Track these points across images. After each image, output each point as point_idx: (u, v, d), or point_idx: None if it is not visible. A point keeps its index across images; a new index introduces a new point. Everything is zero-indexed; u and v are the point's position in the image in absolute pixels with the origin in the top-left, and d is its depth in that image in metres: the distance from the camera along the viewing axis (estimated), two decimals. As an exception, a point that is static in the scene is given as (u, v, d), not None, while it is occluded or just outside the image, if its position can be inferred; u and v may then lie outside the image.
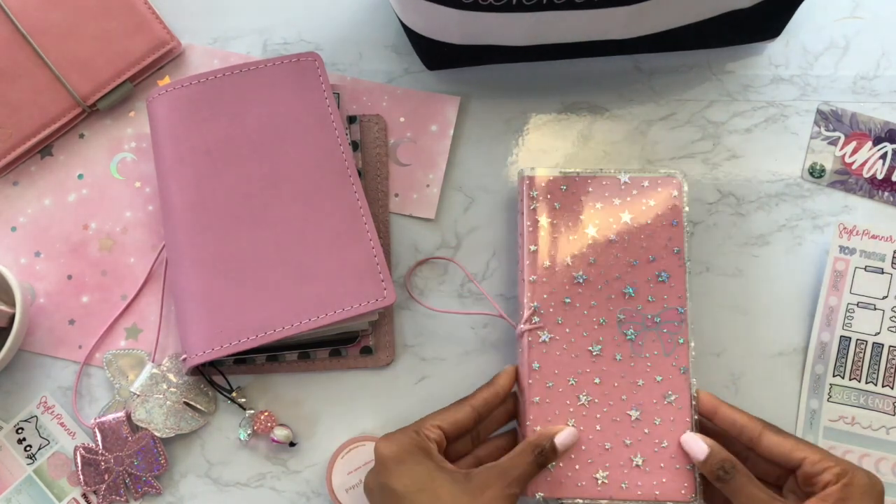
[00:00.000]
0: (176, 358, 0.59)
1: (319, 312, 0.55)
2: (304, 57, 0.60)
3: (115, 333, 0.60)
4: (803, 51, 0.63)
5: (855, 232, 0.58)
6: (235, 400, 0.58)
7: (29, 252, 0.62)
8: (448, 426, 0.51)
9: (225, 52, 0.64)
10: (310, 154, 0.59)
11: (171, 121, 0.59)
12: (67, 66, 0.61)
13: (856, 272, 0.58)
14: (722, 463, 0.50)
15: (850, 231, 0.58)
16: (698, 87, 0.63)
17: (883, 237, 0.58)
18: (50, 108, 0.61)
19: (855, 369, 0.58)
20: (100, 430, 0.58)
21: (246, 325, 0.55)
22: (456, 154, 0.62)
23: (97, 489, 0.58)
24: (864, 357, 0.58)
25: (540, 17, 0.52)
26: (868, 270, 0.58)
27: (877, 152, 0.61)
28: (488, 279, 0.61)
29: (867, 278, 0.58)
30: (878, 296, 0.58)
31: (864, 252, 0.58)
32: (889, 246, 0.58)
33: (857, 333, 0.58)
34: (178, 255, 0.57)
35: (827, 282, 0.58)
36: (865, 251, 0.58)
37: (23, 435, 0.60)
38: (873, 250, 0.58)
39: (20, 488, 0.59)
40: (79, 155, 0.63)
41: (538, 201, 0.56)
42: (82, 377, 0.60)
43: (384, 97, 0.63)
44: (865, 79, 0.62)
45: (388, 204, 0.61)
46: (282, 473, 0.59)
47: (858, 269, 0.58)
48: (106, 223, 0.62)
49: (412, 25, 0.57)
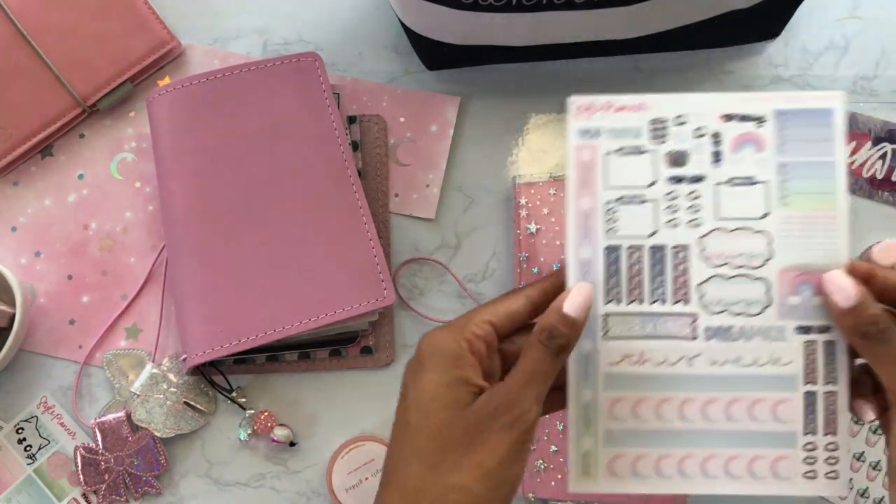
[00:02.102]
0: (176, 358, 0.59)
1: (319, 312, 0.56)
2: (304, 57, 0.60)
3: (116, 333, 0.61)
4: (803, 51, 0.63)
5: (594, 107, 0.45)
6: (235, 400, 0.59)
7: (29, 252, 0.62)
8: (500, 319, 0.42)
9: (225, 53, 0.64)
10: (310, 154, 0.59)
11: (171, 121, 0.59)
12: (67, 66, 0.61)
13: (607, 159, 0.45)
14: (876, 318, 0.39)
15: (587, 108, 0.45)
16: (698, 87, 0.62)
17: (632, 106, 0.45)
18: (50, 109, 0.61)
19: (633, 288, 0.44)
20: (100, 430, 0.58)
21: (246, 325, 0.55)
22: (456, 154, 0.62)
23: (97, 489, 0.58)
24: (643, 268, 0.44)
25: (540, 17, 0.52)
26: (623, 154, 0.45)
27: (876, 152, 0.61)
28: (488, 279, 0.61)
29: (624, 164, 0.45)
30: (643, 183, 0.45)
31: (613, 131, 0.45)
32: (642, 116, 0.45)
33: (626, 239, 0.44)
34: (179, 255, 0.57)
35: (573, 179, 0.44)
36: (614, 129, 0.45)
37: (23, 435, 0.60)
38: (624, 126, 0.45)
39: (20, 488, 0.59)
40: (79, 155, 0.63)
41: (527, 209, 0.56)
42: (82, 377, 0.60)
43: (384, 97, 0.63)
44: (865, 79, 0.62)
45: (388, 204, 0.61)
46: (282, 473, 0.59)
47: (610, 155, 0.45)
48: (106, 223, 0.62)
49: (412, 25, 0.57)
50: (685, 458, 0.44)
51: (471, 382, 0.40)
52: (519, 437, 0.39)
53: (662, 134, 0.45)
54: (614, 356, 0.44)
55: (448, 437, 0.39)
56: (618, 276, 0.44)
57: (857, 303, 0.40)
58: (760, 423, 0.44)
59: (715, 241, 0.44)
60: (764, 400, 0.44)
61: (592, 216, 0.44)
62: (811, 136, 0.44)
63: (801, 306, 0.43)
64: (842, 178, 0.44)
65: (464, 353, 0.40)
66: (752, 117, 0.44)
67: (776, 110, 0.44)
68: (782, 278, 0.43)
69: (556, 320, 0.41)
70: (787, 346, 0.44)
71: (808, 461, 0.44)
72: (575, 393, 0.44)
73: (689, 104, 0.45)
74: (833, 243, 0.43)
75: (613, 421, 0.44)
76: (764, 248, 0.44)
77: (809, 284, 0.43)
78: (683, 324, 0.44)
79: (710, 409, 0.44)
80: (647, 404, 0.44)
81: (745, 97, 0.44)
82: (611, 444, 0.44)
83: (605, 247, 0.44)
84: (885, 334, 0.39)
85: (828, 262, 0.43)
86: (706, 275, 0.44)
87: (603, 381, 0.44)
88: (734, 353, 0.44)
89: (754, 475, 0.44)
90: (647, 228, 0.44)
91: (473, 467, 0.39)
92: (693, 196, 0.44)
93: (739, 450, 0.44)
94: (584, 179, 0.44)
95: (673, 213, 0.44)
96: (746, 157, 0.44)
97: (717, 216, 0.44)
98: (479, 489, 0.38)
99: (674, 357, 0.44)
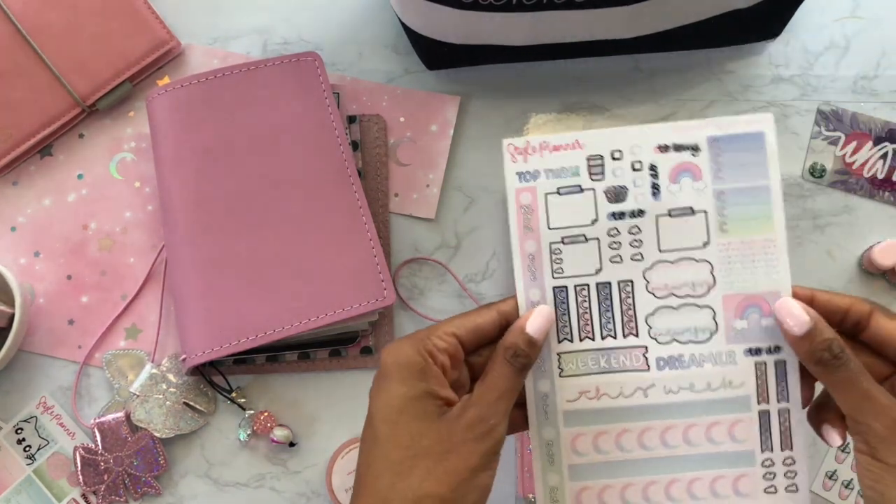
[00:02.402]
0: (175, 358, 0.59)
1: (319, 312, 0.55)
2: (303, 57, 0.60)
3: (115, 333, 0.60)
4: (804, 51, 0.62)
5: (530, 149, 0.45)
6: (235, 400, 0.58)
7: (28, 252, 0.62)
8: (465, 333, 0.43)
9: (225, 52, 0.64)
10: (310, 154, 0.59)
11: (170, 121, 0.59)
12: (67, 65, 0.61)
13: (548, 200, 0.45)
14: (830, 343, 0.39)
15: (523, 150, 0.45)
16: (698, 86, 0.62)
17: (567, 145, 0.45)
18: (49, 108, 0.61)
19: (584, 325, 0.45)
20: (99, 431, 0.58)
21: (246, 325, 0.55)
22: (456, 154, 0.62)
23: (97, 489, 0.58)
24: (591, 306, 0.45)
25: (540, 16, 0.52)
26: (563, 193, 0.45)
27: (877, 152, 0.61)
28: (488, 279, 0.61)
29: (564, 203, 0.45)
30: (586, 221, 0.45)
31: (550, 171, 0.45)
32: (578, 155, 0.45)
33: (573, 278, 0.45)
34: (178, 255, 0.57)
35: (515, 223, 0.45)
36: (551, 170, 0.45)
37: (22, 435, 0.60)
38: (561, 165, 0.45)
39: (20, 488, 0.59)
40: (78, 155, 0.63)
41: None
42: (82, 377, 0.60)
43: (384, 97, 0.63)
44: (866, 78, 0.62)
45: (388, 204, 0.61)
46: (281, 474, 0.59)
47: (550, 195, 0.45)
48: (105, 223, 0.62)
49: (412, 25, 0.57)
50: (649, 484, 0.45)
51: (437, 395, 0.41)
52: (491, 448, 0.40)
53: (600, 171, 0.45)
54: (571, 393, 0.45)
55: (420, 447, 0.40)
56: (568, 314, 0.45)
57: (810, 329, 0.40)
58: (719, 445, 0.45)
59: (659, 273, 0.45)
60: (720, 422, 0.45)
61: (538, 258, 0.45)
62: (745, 161, 0.44)
63: (749, 330, 0.44)
64: (777, 201, 0.44)
65: (427, 365, 0.41)
66: (686, 146, 0.45)
67: (709, 137, 0.44)
68: (727, 304, 0.44)
69: (519, 339, 0.42)
70: (738, 368, 0.44)
71: (768, 477, 0.45)
72: (536, 431, 0.45)
73: (624, 138, 0.45)
74: (773, 266, 0.44)
75: (576, 456, 0.45)
76: (707, 276, 0.45)
77: (755, 308, 0.44)
78: (635, 356, 0.45)
79: (669, 435, 0.45)
80: (607, 437, 0.45)
81: (678, 126, 0.45)
82: (576, 479, 0.45)
83: (553, 287, 0.45)
84: (839, 360, 0.39)
85: (770, 286, 0.44)
86: (653, 307, 0.45)
87: (563, 419, 0.45)
88: (687, 380, 0.45)
89: (717, 495, 0.45)
90: (593, 266, 0.45)
91: (446, 475, 0.39)
92: (635, 231, 0.45)
93: (701, 472, 0.45)
94: (526, 223, 0.45)
95: (616, 249, 0.45)
96: (684, 188, 0.45)
97: (659, 248, 0.45)
98: (450, 496, 0.39)
99: (629, 389, 0.45)
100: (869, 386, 0.39)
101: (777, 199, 0.44)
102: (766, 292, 0.44)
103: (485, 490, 0.40)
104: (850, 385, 0.39)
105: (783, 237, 0.44)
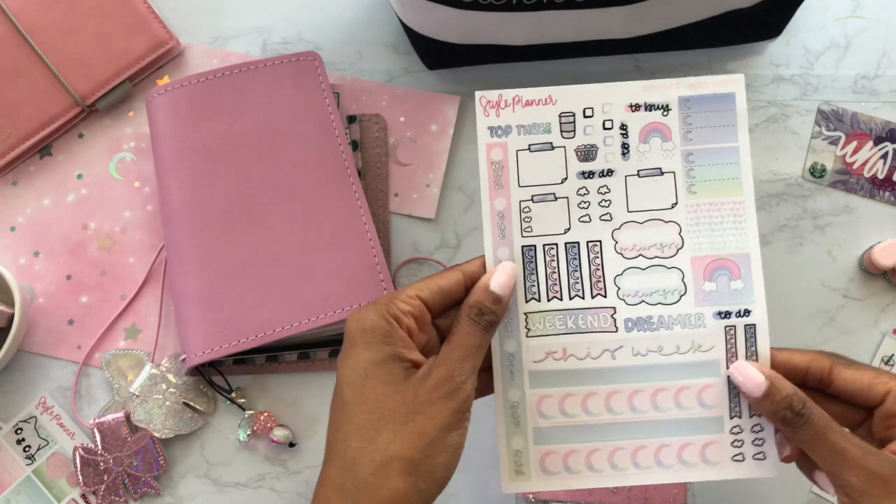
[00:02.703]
0: (175, 358, 0.59)
1: (319, 312, 0.55)
2: (303, 56, 0.60)
3: (115, 334, 0.60)
4: (804, 50, 0.62)
5: (503, 103, 0.44)
6: (235, 400, 0.58)
7: (28, 252, 0.62)
8: (430, 295, 0.42)
9: (224, 52, 0.64)
10: (309, 154, 0.58)
11: (170, 120, 0.59)
12: (66, 65, 0.61)
13: (519, 157, 0.44)
14: (789, 400, 0.39)
15: (495, 104, 0.44)
16: (699, 86, 0.62)
17: (540, 100, 0.44)
18: (49, 108, 0.61)
19: (552, 285, 0.44)
20: (99, 431, 0.58)
21: (245, 325, 0.55)
22: (456, 154, 0.62)
23: (96, 490, 0.58)
24: (559, 265, 0.44)
25: (540, 16, 0.52)
26: (534, 150, 0.44)
27: (878, 152, 0.61)
28: (488, 279, 0.60)
29: (535, 161, 0.44)
30: (556, 180, 0.44)
31: (522, 127, 0.44)
32: (551, 110, 0.44)
33: (542, 237, 0.44)
34: (178, 255, 0.57)
35: (486, 180, 0.44)
36: (523, 125, 0.44)
37: (22, 435, 0.60)
38: (533, 121, 0.44)
39: (19, 489, 0.59)
40: (78, 155, 0.63)
41: None
42: (81, 377, 0.60)
43: (384, 97, 0.63)
44: (866, 78, 0.62)
45: (388, 204, 0.61)
46: (281, 474, 0.59)
47: (521, 153, 0.44)
48: (105, 223, 0.62)
49: (412, 25, 0.57)
50: (616, 450, 0.44)
51: (403, 358, 0.41)
52: (458, 406, 0.40)
53: (571, 128, 0.45)
54: (538, 354, 0.44)
55: (386, 409, 0.39)
56: (536, 274, 0.44)
57: (767, 389, 0.40)
58: (687, 411, 0.44)
59: (627, 233, 0.44)
60: (689, 387, 0.44)
61: (507, 216, 0.44)
62: (714, 123, 0.44)
63: (718, 292, 0.44)
64: (746, 164, 0.44)
65: (392, 328, 0.41)
66: (657, 106, 0.44)
67: (680, 97, 0.44)
68: (695, 266, 0.44)
69: (484, 297, 0.42)
70: (707, 331, 0.44)
71: (736, 444, 0.44)
72: (502, 392, 0.44)
73: (596, 95, 0.45)
74: (741, 229, 0.44)
75: (542, 419, 0.44)
76: (675, 237, 0.44)
77: (724, 271, 0.44)
78: (603, 317, 0.44)
79: (637, 399, 0.44)
80: (573, 399, 0.44)
81: (649, 85, 0.45)
82: (541, 442, 0.44)
83: (521, 246, 0.44)
84: (802, 417, 0.39)
85: (738, 248, 0.44)
86: (621, 267, 0.44)
87: (528, 380, 0.44)
88: (656, 342, 0.44)
89: (685, 463, 0.44)
90: (562, 225, 0.44)
91: (413, 436, 0.39)
92: (604, 190, 0.45)
93: (668, 439, 0.44)
94: (497, 179, 0.45)
95: (585, 209, 0.45)
96: (654, 148, 0.44)
97: (628, 208, 0.44)
98: (418, 457, 0.39)
99: (596, 351, 0.44)
100: (837, 439, 0.38)
101: (746, 161, 0.44)
102: (735, 255, 0.44)
103: (455, 449, 0.40)
104: (819, 441, 0.38)
105: (751, 200, 0.44)
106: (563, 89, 0.45)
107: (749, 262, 0.44)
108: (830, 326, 0.59)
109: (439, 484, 0.39)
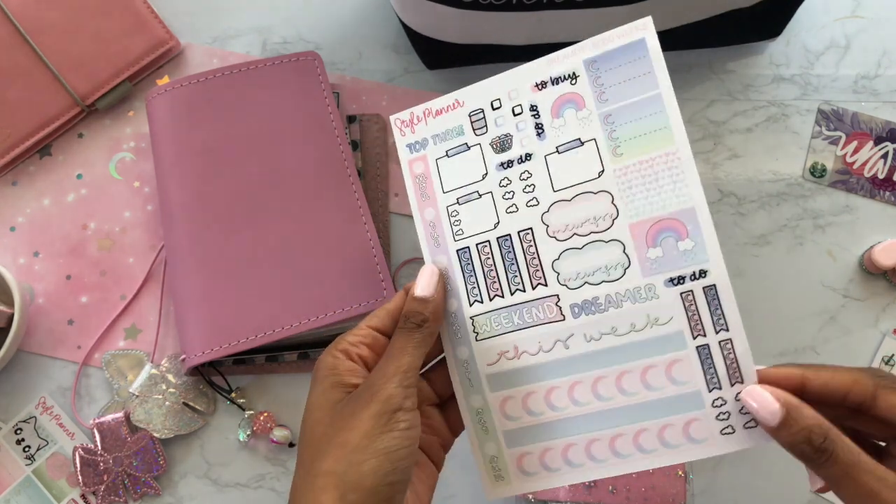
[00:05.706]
0: (175, 358, 0.59)
1: (319, 312, 0.55)
2: (303, 56, 0.60)
3: (114, 334, 0.60)
4: (804, 50, 0.62)
5: (415, 119, 0.45)
6: (235, 401, 0.58)
7: (28, 252, 0.62)
8: (379, 321, 0.43)
9: (224, 52, 0.64)
10: (310, 154, 0.58)
11: (170, 120, 0.59)
12: (66, 65, 0.61)
13: (439, 164, 0.45)
14: (808, 433, 0.34)
15: (409, 122, 0.45)
16: (699, 86, 0.62)
17: (448, 106, 0.45)
18: (49, 108, 0.61)
19: (492, 283, 0.43)
20: (99, 431, 0.58)
21: (245, 325, 0.55)
22: (456, 154, 0.62)
23: (96, 490, 0.58)
24: (495, 262, 0.43)
25: (540, 16, 0.52)
26: (451, 155, 0.45)
27: (878, 152, 0.61)
28: (488, 279, 0.60)
29: (455, 164, 0.44)
30: (477, 177, 0.44)
31: (437, 136, 0.45)
32: (460, 113, 0.44)
33: (473, 237, 0.44)
34: (178, 255, 0.57)
35: (413, 194, 0.45)
36: (437, 134, 0.45)
37: (21, 435, 0.60)
38: (445, 128, 0.45)
39: (19, 489, 0.59)
40: (78, 155, 0.63)
41: None
42: (81, 377, 0.60)
43: (384, 96, 0.62)
44: (866, 78, 0.62)
45: (388, 204, 0.61)
46: (281, 474, 0.59)
47: (440, 160, 0.45)
48: (105, 223, 0.62)
49: (412, 25, 0.57)
50: (591, 442, 0.42)
51: (345, 383, 0.41)
52: (379, 409, 0.39)
53: (482, 124, 0.44)
54: (490, 356, 0.43)
55: (318, 433, 0.40)
56: (475, 275, 0.43)
57: (783, 419, 0.35)
58: (658, 391, 0.41)
59: (557, 214, 0.42)
60: (655, 365, 0.41)
61: (438, 224, 0.44)
62: (629, 75, 0.41)
63: (665, 257, 0.40)
64: (672, 110, 0.40)
65: (338, 361, 0.41)
66: (563, 77, 0.42)
67: (585, 60, 0.42)
68: (636, 233, 0.41)
69: (410, 304, 0.42)
70: (662, 302, 0.40)
71: (721, 417, 0.40)
72: (464, 401, 0.44)
73: (500, 85, 0.44)
74: (681, 182, 0.40)
75: (508, 421, 0.43)
76: (608, 207, 0.41)
77: (670, 232, 0.40)
78: (548, 307, 0.42)
79: (601, 387, 0.42)
80: (536, 397, 0.42)
81: (552, 58, 0.43)
82: (513, 445, 0.43)
83: (456, 250, 0.44)
84: (824, 453, 0.33)
85: (681, 204, 0.40)
86: (557, 251, 0.42)
87: (487, 384, 0.43)
88: (608, 324, 0.41)
89: (668, 445, 0.41)
90: (490, 221, 0.43)
91: (337, 449, 0.39)
92: (525, 176, 0.43)
93: (645, 423, 0.41)
94: (423, 191, 0.44)
95: (510, 199, 0.43)
96: (569, 120, 0.42)
97: (553, 188, 0.42)
98: (342, 468, 0.38)
99: (548, 343, 0.42)
100: (867, 480, 0.33)
101: (671, 106, 0.40)
102: (678, 212, 0.40)
103: (388, 454, 0.38)
104: (846, 481, 0.33)
105: (686, 148, 0.40)
106: (468, 89, 0.44)
107: (695, 217, 0.39)
108: (831, 326, 0.59)
109: (372, 492, 0.38)
